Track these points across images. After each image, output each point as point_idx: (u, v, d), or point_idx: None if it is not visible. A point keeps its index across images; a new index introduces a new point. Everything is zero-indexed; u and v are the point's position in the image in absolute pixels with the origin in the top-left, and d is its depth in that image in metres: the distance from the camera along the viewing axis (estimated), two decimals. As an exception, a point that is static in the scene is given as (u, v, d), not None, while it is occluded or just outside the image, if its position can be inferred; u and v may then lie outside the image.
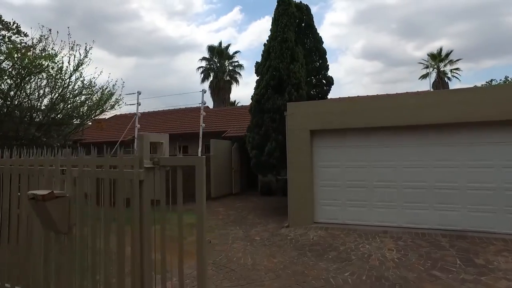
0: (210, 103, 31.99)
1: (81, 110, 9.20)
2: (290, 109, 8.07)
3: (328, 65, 11.70)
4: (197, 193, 2.75)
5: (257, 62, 11.12)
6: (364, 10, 57.75)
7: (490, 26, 48.14)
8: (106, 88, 9.49)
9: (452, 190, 6.78)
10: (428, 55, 29.30)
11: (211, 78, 34.96)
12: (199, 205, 2.76)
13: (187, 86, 62.05)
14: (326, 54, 11.70)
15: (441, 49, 28.80)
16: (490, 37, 47.44)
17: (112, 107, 9.90)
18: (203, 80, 35.13)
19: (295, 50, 10.24)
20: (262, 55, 10.74)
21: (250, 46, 58.29)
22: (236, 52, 35.79)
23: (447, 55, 28.59)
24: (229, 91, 35.23)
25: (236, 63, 35.83)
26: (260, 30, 58.38)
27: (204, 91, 6.48)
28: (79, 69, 8.80)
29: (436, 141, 6.97)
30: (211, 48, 35.18)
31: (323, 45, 11.66)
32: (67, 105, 8.99)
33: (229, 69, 35.66)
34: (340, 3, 65.36)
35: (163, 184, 3.03)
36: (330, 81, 11.59)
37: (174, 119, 19.13)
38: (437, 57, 28.82)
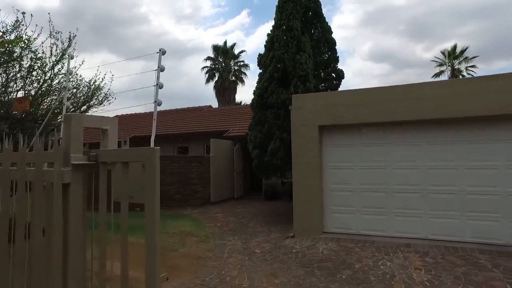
0: (215, 104, 31.16)
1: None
2: (296, 102, 7.06)
3: (338, 57, 10.68)
4: (148, 199, 1.77)
5: (259, 54, 10.15)
6: (372, 12, 56.63)
7: (501, 27, 46.59)
8: (94, 82, 8.62)
9: (489, 196, 5.68)
10: (441, 52, 28.01)
11: (216, 78, 34.12)
12: (150, 215, 1.77)
13: (196, 89, 61.94)
14: (335, 45, 10.69)
15: (455, 46, 27.50)
16: (501, 37, 45.76)
17: (101, 103, 9.02)
18: (207, 80, 34.35)
19: (302, 40, 9.25)
20: (265, 46, 9.76)
21: (257, 49, 57.89)
22: (241, 52, 34.95)
23: (462, 52, 27.26)
24: (234, 91, 34.33)
25: (241, 63, 34.97)
26: (268, 33, 57.58)
27: (162, 51, 5.21)
28: (62, 60, 7.95)
29: (469, 138, 5.89)
30: (216, 48, 34.38)
31: (332, 35, 10.64)
32: (50, 101, 8.13)
33: (234, 69, 34.79)
34: (347, 6, 64.37)
35: (104, 186, 2.03)
36: (340, 74, 10.57)
37: (174, 119, 18.26)
38: (451, 54, 27.51)
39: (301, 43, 9.21)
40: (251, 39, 62.02)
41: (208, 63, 34.59)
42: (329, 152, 6.93)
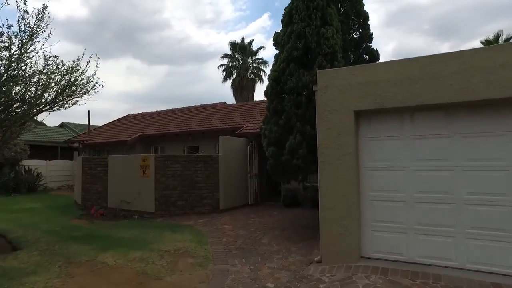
0: (232, 103, 29.62)
1: (43, 94, 6.91)
2: (322, 80, 5.26)
3: (371, 34, 8.78)
4: None
5: (275, 32, 8.40)
6: (395, 11, 53.91)
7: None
8: (75, 65, 7.16)
9: None
10: (482, 42, 25.17)
11: (233, 76, 32.65)
12: None
13: (217, 93, 61.58)
14: (368, 20, 8.79)
15: (498, 35, 24.59)
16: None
17: (86, 91, 7.54)
18: (225, 79, 32.95)
19: (327, 11, 7.43)
20: (282, 21, 7.99)
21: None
22: (260, 48, 33.34)
23: (509, 39, 24.31)
24: (252, 90, 32.73)
25: (260, 60, 33.31)
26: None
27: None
28: (34, 39, 6.55)
29: None
30: (233, 45, 32.96)
31: (364, 8, 8.76)
32: (22, 89, 6.72)
33: (252, 66, 33.20)
34: (370, 5, 61.82)
35: None
36: (374, 55, 8.67)
37: (184, 116, 16.79)
38: (493, 43, 24.62)
39: (327, 15, 7.38)
40: (271, 43, 60.50)
41: (225, 61, 33.22)
42: (368, 147, 5.07)
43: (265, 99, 8.32)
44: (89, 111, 17.90)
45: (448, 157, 4.53)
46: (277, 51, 7.98)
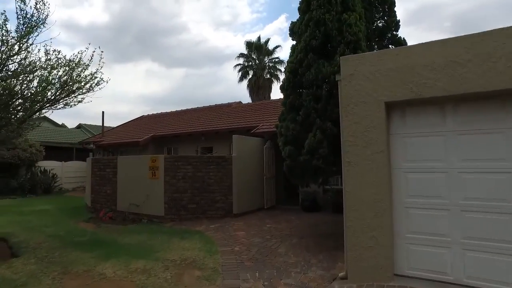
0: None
1: (44, 91, 6.48)
2: (346, 67, 4.54)
3: (398, 21, 7.95)
4: None
5: (292, 22, 7.71)
6: (414, 10, 52.03)
7: None
8: (77, 59, 6.71)
9: None
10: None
11: (249, 76, 32.10)
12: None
13: (234, 94, 61.51)
14: (394, 6, 7.98)
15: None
16: None
17: (91, 87, 7.07)
18: (241, 79, 32.46)
19: (350, -5, 6.69)
20: (299, 9, 7.30)
21: None
22: (276, 47, 32.63)
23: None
24: (269, 90, 32.07)
25: (276, 59, 32.62)
26: None
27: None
28: (33, 31, 6.14)
29: None
30: (249, 44, 32.41)
31: (390, -8, 7.95)
32: (22, 84, 6.32)
33: (269, 65, 32.54)
34: (388, 4, 60.01)
35: None
36: (402, 44, 7.82)
37: (198, 117, 16.31)
38: None
39: (348, 0, 6.65)
40: (290, 43, 60.05)
41: (241, 61, 32.71)
42: (402, 145, 4.32)
43: (282, 97, 7.64)
44: (103, 112, 17.73)
45: (503, 157, 3.72)
46: (294, 42, 7.30)
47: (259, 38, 32.65)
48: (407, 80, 4.09)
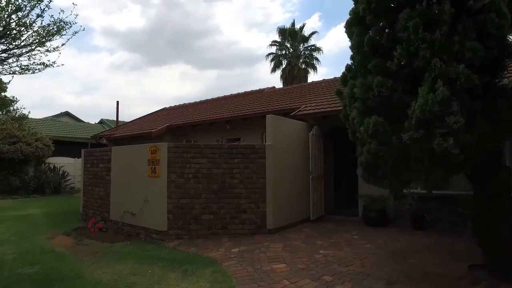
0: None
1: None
2: None
3: None
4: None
5: None
6: None
7: None
8: None
9: None
10: None
11: (283, 66, 29.06)
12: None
13: (266, 92, 59.55)
14: None
15: None
16: None
17: (58, 30, 4.52)
18: (273, 69, 29.49)
19: None
20: None
21: (329, 52, 52.61)
22: (313, 33, 29.33)
23: None
24: (305, 80, 28.78)
25: (312, 47, 29.33)
26: (339, 36, 52.55)
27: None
28: None
29: None
30: (282, 31, 29.38)
31: None
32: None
33: (304, 54, 29.33)
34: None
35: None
36: None
37: (223, 104, 13.59)
38: None
39: None
40: (322, 43, 57.06)
41: (274, 49, 29.74)
42: None
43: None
44: (117, 102, 15.43)
45: None
46: None
47: (293, 23, 29.64)
48: None
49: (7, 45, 4.69)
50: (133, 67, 68.73)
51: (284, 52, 29.51)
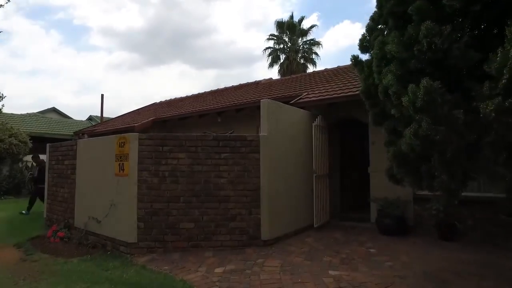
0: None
1: None
2: None
3: None
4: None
5: None
6: None
7: None
8: None
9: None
10: None
11: (281, 61, 27.82)
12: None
13: (266, 93, 58.79)
14: None
15: None
16: None
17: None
18: (271, 64, 28.18)
19: None
20: None
21: (328, 52, 51.40)
22: (312, 27, 28.09)
23: None
24: (303, 76, 27.63)
25: (312, 41, 28.11)
26: (339, 35, 51.27)
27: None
28: None
29: None
30: (280, 24, 28.09)
31: None
32: None
33: (303, 48, 28.11)
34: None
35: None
36: None
37: (216, 97, 12.38)
38: None
39: None
40: (322, 41, 55.63)
41: (271, 43, 28.50)
42: None
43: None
44: (102, 95, 14.21)
45: None
46: None
47: (291, 16, 28.41)
48: None
49: None
50: (131, 66, 67.60)
51: (282, 46, 28.27)
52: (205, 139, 5.24)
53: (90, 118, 23.86)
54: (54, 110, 24.92)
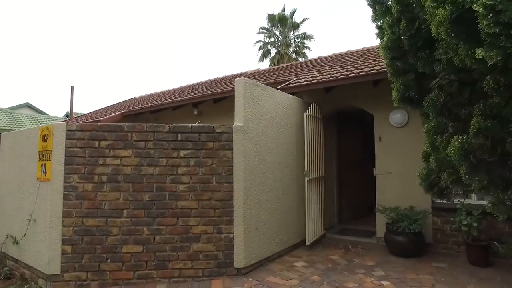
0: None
1: None
2: None
3: None
4: None
5: None
6: None
7: None
8: None
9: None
10: None
11: (272, 55, 26.54)
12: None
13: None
14: None
15: None
16: None
17: None
18: (261, 59, 26.91)
19: None
20: None
21: (326, 52, 50.15)
22: (304, 20, 26.83)
23: None
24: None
25: (303, 35, 26.87)
26: (333, 28, 49.70)
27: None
28: None
29: None
30: (271, 17, 26.80)
31: None
32: None
33: (295, 42, 26.86)
34: None
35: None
36: None
37: (196, 90, 11.02)
38: None
39: None
40: (315, 35, 53.94)
41: (262, 37, 27.20)
42: None
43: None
44: (72, 87, 12.69)
45: None
46: None
47: (283, 8, 27.12)
48: None
49: None
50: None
51: (272, 39, 26.97)
52: (159, 131, 3.87)
53: (68, 115, 22.23)
54: (28, 105, 23.22)
